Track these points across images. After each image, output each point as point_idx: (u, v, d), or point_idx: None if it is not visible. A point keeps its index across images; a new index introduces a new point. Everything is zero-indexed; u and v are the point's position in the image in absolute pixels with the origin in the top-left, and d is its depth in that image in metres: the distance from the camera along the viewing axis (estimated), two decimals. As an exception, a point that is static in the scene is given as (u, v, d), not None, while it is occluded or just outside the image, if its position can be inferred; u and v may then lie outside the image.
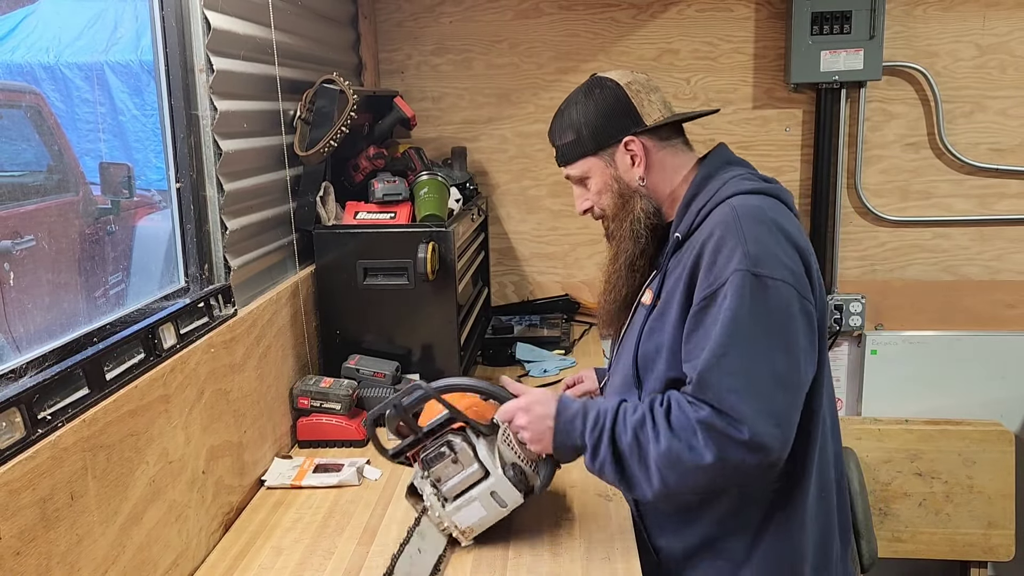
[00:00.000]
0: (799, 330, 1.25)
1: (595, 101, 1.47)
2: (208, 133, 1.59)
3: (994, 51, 2.56)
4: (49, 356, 1.14)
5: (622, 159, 1.46)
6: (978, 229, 2.67)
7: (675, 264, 1.39)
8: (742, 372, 1.21)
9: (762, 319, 1.23)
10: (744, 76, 2.64)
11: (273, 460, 1.76)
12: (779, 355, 1.23)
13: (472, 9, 2.67)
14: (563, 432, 1.32)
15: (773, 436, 1.20)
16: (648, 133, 1.45)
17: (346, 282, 2.00)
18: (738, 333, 1.22)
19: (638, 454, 1.27)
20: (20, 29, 4.81)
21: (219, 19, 1.59)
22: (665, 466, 1.24)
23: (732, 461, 1.20)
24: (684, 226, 1.39)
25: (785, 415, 1.22)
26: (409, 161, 2.27)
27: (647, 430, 1.26)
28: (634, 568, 1.34)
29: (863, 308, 2.69)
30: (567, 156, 1.52)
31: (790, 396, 1.23)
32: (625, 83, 1.46)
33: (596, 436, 1.30)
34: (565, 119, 1.50)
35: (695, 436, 1.22)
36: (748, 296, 1.22)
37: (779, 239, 1.28)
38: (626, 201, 1.47)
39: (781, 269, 1.25)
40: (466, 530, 1.39)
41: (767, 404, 1.20)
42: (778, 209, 1.35)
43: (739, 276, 1.23)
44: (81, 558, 1.08)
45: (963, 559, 2.66)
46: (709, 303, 1.26)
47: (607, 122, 1.45)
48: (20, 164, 2.83)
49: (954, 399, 2.71)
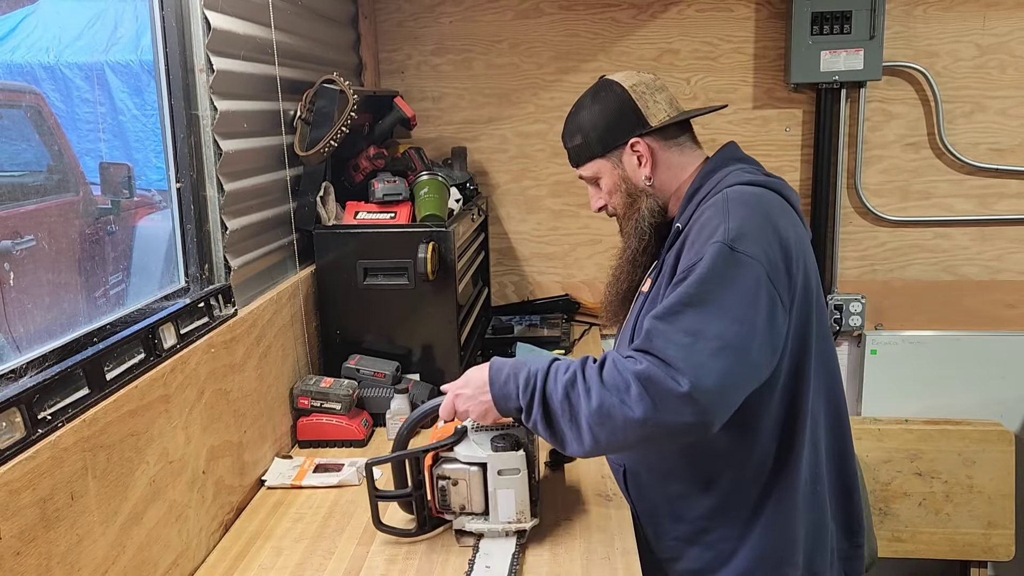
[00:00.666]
0: (760, 311, 1.23)
1: (601, 104, 1.50)
2: (208, 133, 1.59)
3: (994, 51, 2.56)
4: (49, 356, 1.14)
5: (629, 160, 1.50)
6: (978, 229, 2.67)
7: (672, 253, 1.41)
8: (693, 330, 1.20)
9: (725, 289, 1.23)
10: (744, 76, 2.64)
11: (273, 460, 1.76)
12: (734, 325, 1.21)
13: (472, 9, 2.67)
14: (501, 399, 1.33)
15: (711, 394, 1.17)
16: (654, 134, 1.48)
17: (346, 282, 2.00)
18: (698, 296, 1.23)
19: (569, 412, 1.26)
20: (20, 29, 4.81)
21: (219, 19, 1.59)
22: (596, 423, 1.23)
23: (666, 415, 1.18)
24: (684, 217, 1.42)
25: (728, 379, 1.19)
26: (409, 161, 2.27)
27: (578, 388, 1.26)
28: (634, 568, 1.34)
29: (863, 308, 2.69)
30: (577, 158, 1.57)
31: (737, 365, 1.20)
32: (630, 85, 1.49)
33: (528, 396, 1.30)
34: (574, 123, 1.55)
35: (628, 391, 1.20)
36: (719, 265, 1.24)
37: (763, 225, 1.29)
38: (633, 200, 1.52)
39: (756, 250, 1.26)
40: (519, 516, 1.40)
41: (711, 362, 1.18)
42: (773, 201, 1.35)
43: (715, 247, 1.25)
44: (81, 558, 1.08)
45: (963, 559, 2.66)
46: (687, 275, 1.27)
47: (613, 125, 1.49)
48: (20, 164, 2.83)
49: (954, 399, 2.71)
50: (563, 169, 2.74)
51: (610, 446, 1.28)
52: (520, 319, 2.70)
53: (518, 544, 1.38)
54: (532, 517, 1.41)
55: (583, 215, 2.76)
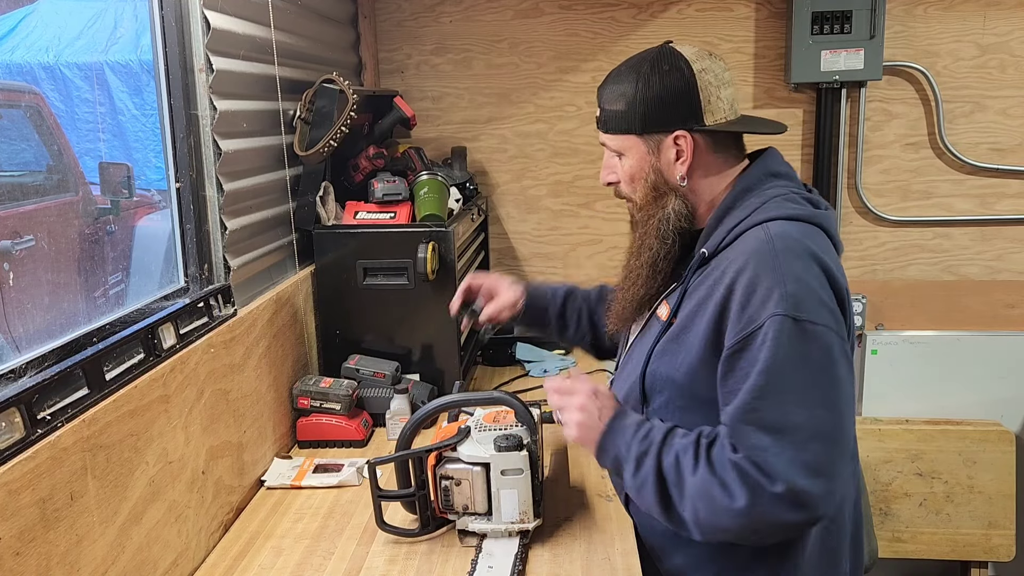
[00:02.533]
0: (842, 377, 1.17)
1: (660, 78, 1.30)
2: (208, 133, 1.58)
3: (994, 51, 2.56)
4: (49, 356, 1.14)
5: (667, 151, 1.32)
6: (978, 229, 2.67)
7: (698, 284, 1.29)
8: (775, 427, 1.13)
9: (801, 369, 1.14)
10: (744, 76, 2.64)
11: (273, 460, 1.76)
12: (818, 409, 1.14)
13: (472, 9, 2.67)
14: (610, 436, 1.29)
15: (812, 489, 1.11)
16: (705, 132, 1.31)
17: (346, 282, 2.00)
18: (774, 385, 1.13)
19: (676, 479, 1.20)
20: (20, 29, 4.82)
21: (219, 19, 1.59)
22: (697, 498, 1.17)
23: (766, 512, 1.12)
24: (712, 243, 1.29)
25: (825, 467, 1.12)
26: (409, 161, 2.27)
27: (689, 456, 1.20)
28: (634, 568, 1.34)
29: (863, 308, 2.69)
30: (610, 125, 1.36)
31: (830, 447, 1.13)
32: (699, 69, 1.30)
33: (642, 452, 1.24)
34: (621, 85, 1.34)
35: (729, 474, 1.14)
36: (786, 343, 1.13)
37: (819, 276, 1.19)
38: (659, 196, 1.34)
39: (822, 312, 1.16)
40: (522, 517, 1.39)
41: (803, 457, 1.11)
42: (819, 240, 1.24)
43: (777, 321, 1.14)
44: (81, 558, 1.08)
45: (963, 559, 2.66)
46: (744, 346, 1.17)
47: (664, 106, 1.30)
48: (20, 164, 2.83)
49: (954, 399, 2.71)
50: (563, 169, 2.74)
51: (712, 527, 1.18)
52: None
53: (521, 544, 1.38)
54: (535, 517, 1.41)
55: (583, 215, 2.76)
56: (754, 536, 1.19)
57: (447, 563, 1.37)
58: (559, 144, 2.73)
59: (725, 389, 1.21)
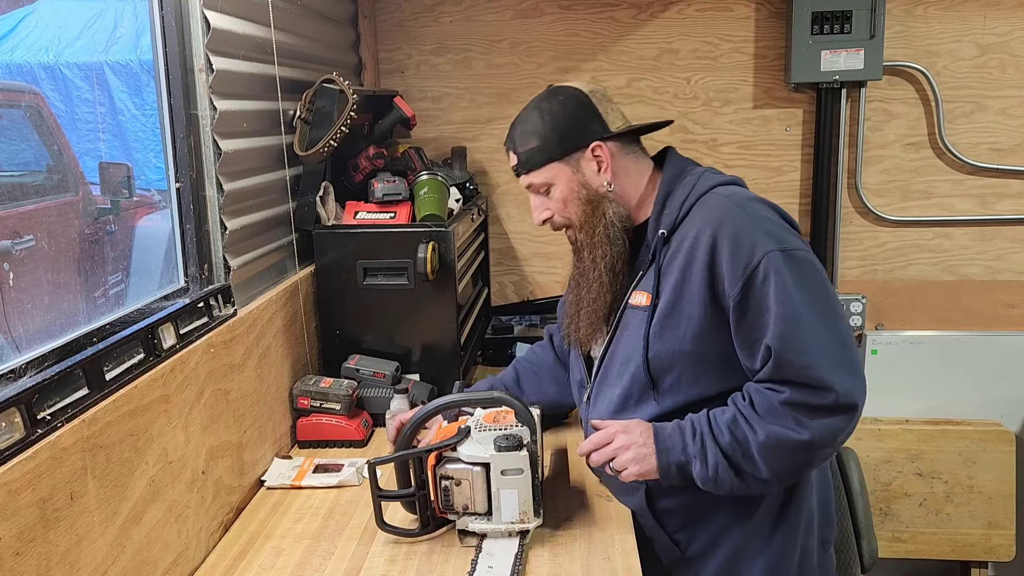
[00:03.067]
0: (829, 287, 1.34)
1: (559, 107, 1.46)
2: (208, 133, 1.58)
3: (994, 51, 2.56)
4: (49, 356, 1.14)
5: (588, 165, 1.46)
6: (979, 229, 2.67)
7: (669, 260, 1.39)
8: (811, 345, 1.26)
9: (806, 291, 1.28)
10: (744, 76, 2.64)
11: (273, 460, 1.76)
12: (831, 320, 1.29)
13: (472, 9, 2.66)
14: (665, 451, 1.35)
15: (855, 388, 1.27)
16: (614, 139, 1.46)
17: (346, 282, 2.00)
18: (793, 311, 1.27)
19: (740, 450, 1.31)
20: (20, 29, 4.81)
21: (219, 19, 1.59)
22: (768, 453, 1.29)
23: (828, 428, 1.27)
24: (668, 220, 1.41)
25: (856, 366, 1.29)
26: (409, 161, 2.27)
27: (741, 425, 1.31)
28: (634, 568, 1.34)
29: (863, 308, 2.69)
30: (531, 163, 1.48)
31: (852, 349, 1.30)
32: (589, 91, 1.48)
33: (699, 444, 1.33)
34: (527, 126, 1.48)
35: (786, 417, 1.27)
36: (787, 272, 1.28)
37: (777, 215, 1.38)
38: (595, 207, 1.46)
39: (796, 240, 1.34)
40: (522, 517, 1.39)
41: (841, 363, 1.27)
42: (755, 194, 1.43)
43: (772, 256, 1.28)
44: (81, 558, 1.08)
45: (963, 559, 2.66)
46: (749, 287, 1.29)
47: (574, 127, 1.45)
48: (20, 164, 2.83)
49: (954, 399, 2.71)
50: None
51: (788, 470, 1.33)
52: (520, 319, 2.70)
53: (521, 544, 1.38)
54: (535, 517, 1.41)
55: (583, 215, 2.75)
56: (824, 455, 1.34)
57: (447, 563, 1.37)
58: (559, 144, 2.72)
59: (744, 331, 1.32)
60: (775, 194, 2.68)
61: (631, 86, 2.67)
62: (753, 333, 1.30)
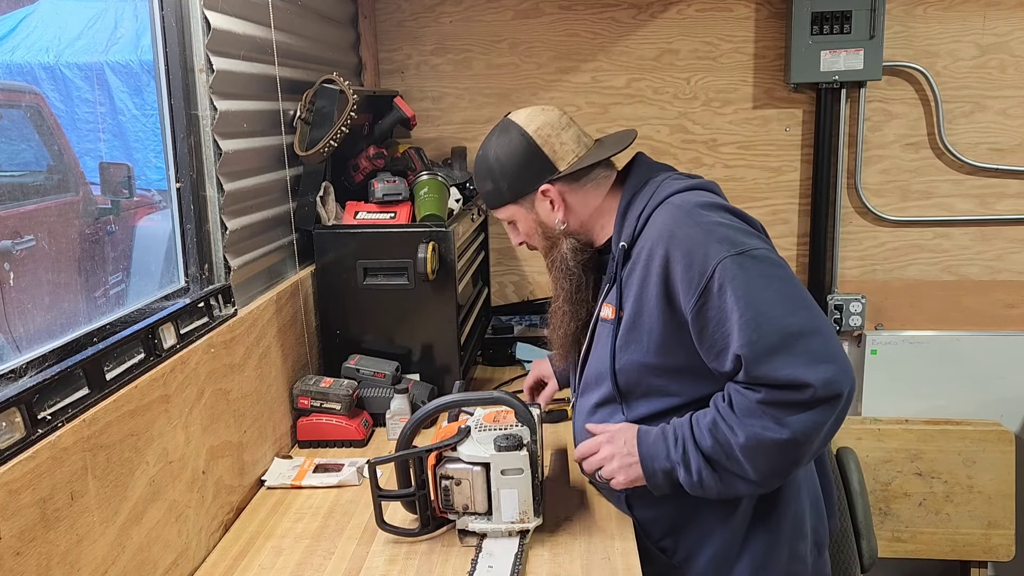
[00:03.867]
0: (795, 280, 1.30)
1: (506, 152, 1.47)
2: (208, 133, 1.59)
3: (994, 51, 2.56)
4: (49, 356, 1.14)
5: (541, 205, 1.48)
6: (978, 229, 2.67)
7: (629, 273, 1.40)
8: (780, 344, 1.23)
9: (768, 287, 1.26)
10: (744, 76, 2.64)
11: (273, 460, 1.76)
12: (800, 310, 1.26)
13: (472, 9, 2.67)
14: (649, 457, 1.35)
15: (835, 377, 1.22)
16: (564, 177, 1.46)
17: (346, 282, 2.00)
18: (757, 311, 1.24)
19: (723, 453, 1.29)
20: (20, 29, 4.81)
21: (219, 19, 1.59)
22: (751, 454, 1.27)
23: (809, 423, 1.23)
24: (627, 234, 1.41)
25: (832, 352, 1.24)
26: (409, 161, 2.27)
27: (721, 428, 1.29)
28: (634, 568, 1.34)
29: (863, 308, 2.69)
30: (490, 203, 1.55)
31: (826, 336, 1.25)
32: (534, 130, 1.46)
33: (681, 451, 1.32)
34: (483, 167, 1.52)
35: (764, 417, 1.25)
36: (743, 274, 1.25)
37: (731, 218, 1.35)
38: (553, 244, 1.51)
39: (753, 240, 1.31)
40: (522, 516, 1.40)
41: (816, 355, 1.22)
42: (713, 197, 1.40)
43: (726, 263, 1.26)
44: (81, 558, 1.08)
45: (963, 559, 2.66)
46: (706, 298, 1.27)
47: (521, 173, 1.47)
48: (20, 164, 2.83)
49: (954, 399, 2.71)
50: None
51: (775, 470, 1.30)
52: (520, 319, 2.70)
53: (521, 544, 1.38)
54: (535, 517, 1.41)
55: (583, 215, 2.76)
56: (809, 449, 1.28)
57: (447, 563, 1.37)
58: (559, 144, 2.72)
59: (708, 342, 1.30)
60: (775, 194, 2.69)
61: (631, 86, 2.67)
62: (718, 343, 1.28)
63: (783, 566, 1.43)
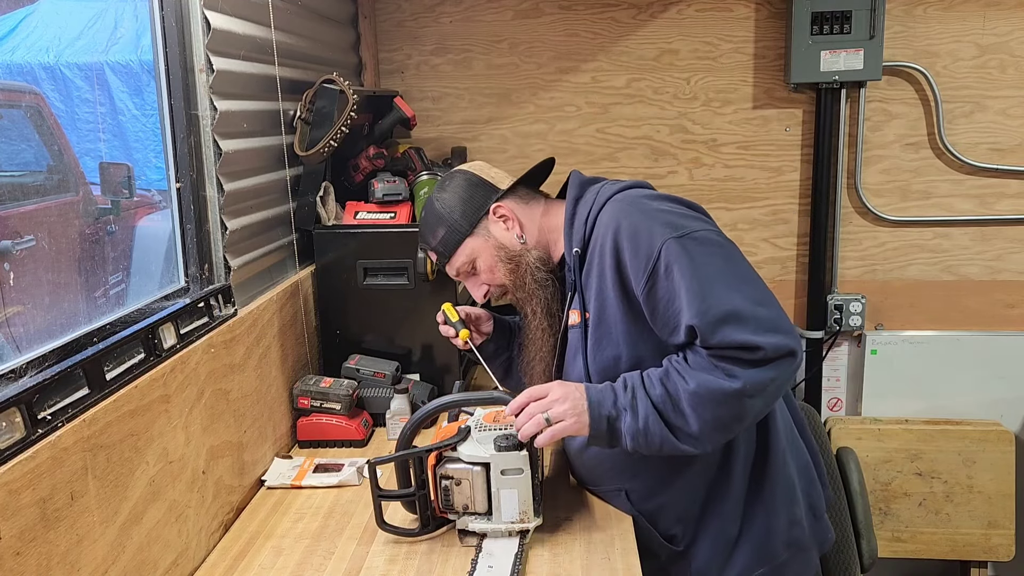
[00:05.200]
0: (739, 257, 1.37)
1: (450, 192, 1.55)
2: (208, 133, 1.59)
3: (994, 51, 2.56)
4: (49, 356, 1.14)
5: (496, 227, 1.53)
6: (978, 229, 2.67)
7: (587, 275, 1.44)
8: (728, 315, 1.27)
9: (711, 264, 1.31)
10: (744, 76, 2.64)
11: (273, 460, 1.76)
12: (743, 285, 1.32)
13: (472, 9, 2.67)
14: (597, 403, 1.35)
15: (784, 341, 1.27)
16: (508, 195, 1.54)
17: (346, 282, 2.00)
18: (703, 286, 1.29)
19: (671, 402, 1.31)
20: (20, 29, 4.81)
21: (219, 19, 1.59)
22: (698, 403, 1.29)
23: (759, 377, 1.27)
24: (577, 239, 1.46)
25: (780, 322, 1.30)
26: (409, 161, 2.27)
27: (672, 377, 1.32)
28: (634, 568, 1.34)
29: (863, 308, 2.69)
30: (448, 249, 1.55)
31: (773, 307, 1.31)
32: (467, 168, 1.58)
33: (631, 396, 1.34)
34: (431, 219, 1.55)
35: (716, 368, 1.29)
36: (686, 254, 1.30)
37: (674, 205, 1.42)
38: (517, 263, 1.52)
39: (695, 222, 1.36)
40: (522, 516, 1.40)
41: (762, 323, 1.28)
42: (654, 191, 1.49)
43: (671, 244, 1.31)
44: (81, 558, 1.08)
45: (963, 559, 2.66)
46: (654, 280, 1.32)
47: (468, 201, 1.53)
48: (20, 164, 2.82)
49: (954, 399, 2.71)
50: (562, 169, 2.73)
51: (719, 423, 1.31)
52: (520, 319, 2.70)
53: (521, 544, 1.38)
54: (535, 517, 1.41)
55: (583, 215, 2.76)
56: (757, 406, 1.33)
57: (447, 563, 1.37)
58: (559, 144, 2.73)
59: (660, 321, 1.35)
60: (775, 194, 2.69)
61: (631, 86, 2.67)
62: (671, 321, 1.32)
63: (783, 532, 1.48)
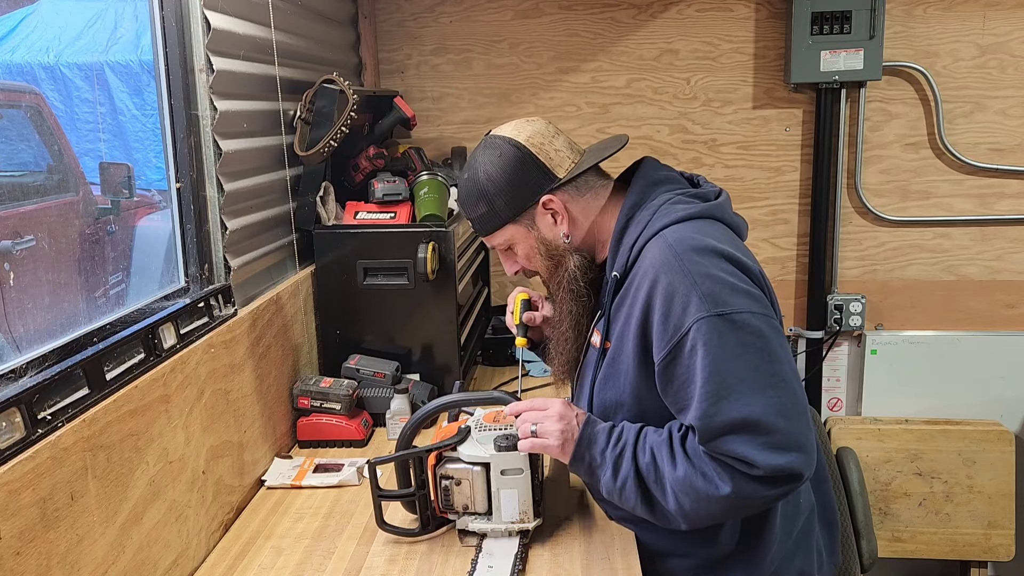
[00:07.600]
0: (779, 352, 1.20)
1: (500, 167, 1.36)
2: (208, 133, 1.59)
3: (994, 51, 2.56)
4: (49, 356, 1.14)
5: (543, 220, 1.38)
6: (978, 229, 2.67)
7: (618, 305, 1.34)
8: (739, 424, 1.17)
9: (740, 358, 1.18)
10: (744, 76, 2.64)
11: (273, 460, 1.76)
12: (769, 391, 1.17)
13: (472, 9, 2.67)
14: (588, 441, 1.31)
15: (789, 464, 1.17)
16: (564, 186, 1.36)
17: (346, 282, 2.00)
18: (722, 384, 1.17)
19: (655, 475, 1.25)
20: (20, 29, 4.81)
21: (219, 19, 1.59)
22: (681, 491, 1.23)
23: (751, 493, 1.19)
24: (620, 264, 1.34)
25: (795, 440, 1.17)
26: (409, 161, 2.27)
27: (664, 454, 1.25)
28: (634, 568, 1.34)
29: (863, 308, 2.69)
30: (485, 228, 1.43)
31: (793, 421, 1.18)
32: (525, 139, 1.36)
33: (618, 453, 1.29)
34: (473, 189, 1.39)
35: (708, 466, 1.20)
36: (718, 340, 1.17)
37: (726, 267, 1.23)
38: (557, 262, 1.40)
39: (741, 299, 1.20)
40: (522, 516, 1.39)
41: (774, 440, 1.16)
42: (715, 232, 1.29)
43: (703, 323, 1.18)
44: (81, 558, 1.08)
45: (963, 559, 2.66)
46: (675, 356, 1.21)
47: (519, 185, 1.35)
48: (20, 164, 2.82)
49: (954, 399, 2.71)
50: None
51: (698, 515, 1.23)
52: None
53: (521, 544, 1.38)
54: (535, 517, 1.41)
55: (583, 215, 2.75)
56: (740, 513, 1.28)
57: (447, 563, 1.37)
58: (559, 144, 2.72)
59: (671, 397, 1.26)
60: (775, 194, 2.69)
61: (631, 86, 2.67)
62: (680, 401, 1.23)
63: None
